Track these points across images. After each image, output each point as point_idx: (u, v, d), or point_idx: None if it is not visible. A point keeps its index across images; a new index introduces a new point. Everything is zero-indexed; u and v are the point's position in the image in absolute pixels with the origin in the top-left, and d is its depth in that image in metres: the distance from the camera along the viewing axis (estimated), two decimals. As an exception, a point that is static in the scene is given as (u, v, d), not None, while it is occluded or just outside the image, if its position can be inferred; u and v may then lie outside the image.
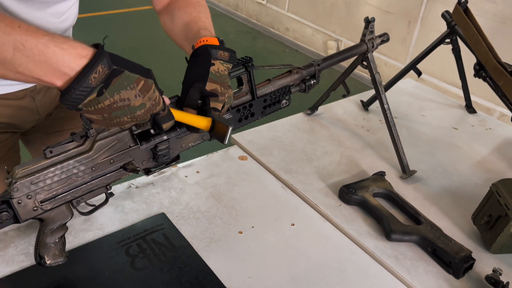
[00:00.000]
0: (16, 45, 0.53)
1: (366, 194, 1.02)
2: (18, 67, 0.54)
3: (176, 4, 0.95)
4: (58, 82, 0.57)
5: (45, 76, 0.56)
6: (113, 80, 0.58)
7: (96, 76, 0.57)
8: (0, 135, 0.97)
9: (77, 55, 0.57)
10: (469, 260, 0.88)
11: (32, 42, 0.54)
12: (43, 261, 0.71)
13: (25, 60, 0.54)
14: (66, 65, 0.56)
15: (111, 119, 0.61)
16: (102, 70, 0.57)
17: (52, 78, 0.56)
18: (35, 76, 0.56)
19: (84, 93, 0.57)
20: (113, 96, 0.59)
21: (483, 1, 3.06)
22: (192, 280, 0.79)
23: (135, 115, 0.63)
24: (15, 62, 0.54)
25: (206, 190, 1.02)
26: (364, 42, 1.16)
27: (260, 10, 4.92)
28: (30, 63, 0.54)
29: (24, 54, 0.54)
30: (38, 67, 0.55)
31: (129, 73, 0.60)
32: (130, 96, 0.61)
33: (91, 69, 0.56)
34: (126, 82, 0.60)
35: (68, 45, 0.56)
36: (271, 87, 0.94)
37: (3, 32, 0.53)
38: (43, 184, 0.67)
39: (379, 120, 1.38)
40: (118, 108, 0.61)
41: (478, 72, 1.27)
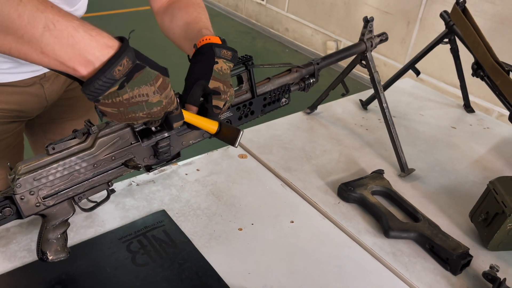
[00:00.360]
0: (47, 23, 0.52)
1: (364, 192, 1.03)
2: (44, 47, 0.53)
3: (176, 4, 0.96)
4: (81, 69, 0.56)
5: (69, 60, 0.55)
6: (135, 74, 0.58)
7: (120, 68, 0.56)
8: (10, 124, 0.98)
9: (104, 44, 0.56)
10: (467, 257, 0.89)
11: (63, 23, 0.53)
12: (45, 256, 0.72)
13: (52, 40, 0.53)
14: (92, 52, 0.55)
15: (127, 113, 0.61)
16: (127, 64, 0.57)
17: (76, 64, 0.55)
18: (59, 59, 0.54)
19: (107, 84, 0.57)
20: (132, 91, 0.59)
21: (482, 2, 3.07)
22: (192, 276, 0.80)
23: (151, 112, 0.63)
24: (42, 41, 0.52)
25: (206, 188, 1.03)
26: (363, 41, 1.17)
27: (259, 10, 4.93)
28: (57, 45, 0.53)
29: (53, 35, 0.52)
30: (64, 50, 0.54)
31: (149, 69, 0.60)
32: (149, 92, 0.61)
33: (117, 60, 0.56)
34: (147, 78, 0.60)
35: (96, 33, 0.56)
36: (270, 85, 0.95)
37: (37, 8, 0.51)
38: (45, 180, 0.68)
39: (378, 119, 1.39)
40: (135, 103, 0.61)
41: (476, 71, 1.28)
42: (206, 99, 0.76)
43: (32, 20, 0.51)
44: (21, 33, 0.51)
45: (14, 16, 0.50)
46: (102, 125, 0.72)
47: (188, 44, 0.88)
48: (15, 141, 1.02)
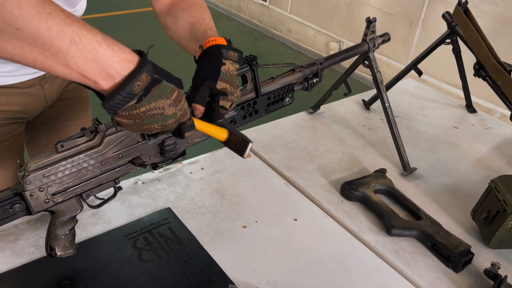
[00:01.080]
0: (74, 37, 0.53)
1: (367, 191, 1.04)
2: (68, 60, 0.53)
3: (178, 5, 0.97)
4: (102, 82, 0.57)
5: (91, 74, 0.56)
6: (153, 88, 0.59)
7: (139, 83, 0.57)
8: (11, 125, 0.99)
9: (125, 58, 0.57)
10: (468, 254, 0.90)
11: (88, 37, 0.54)
12: (54, 252, 0.74)
13: (77, 54, 0.54)
14: (113, 66, 0.56)
15: (142, 125, 0.62)
16: (146, 78, 0.58)
17: (97, 77, 0.56)
18: (82, 72, 0.55)
19: (126, 99, 0.58)
20: (149, 104, 0.60)
21: (484, 3, 3.08)
22: (197, 272, 0.81)
23: (166, 124, 0.64)
24: (68, 54, 0.53)
25: (210, 186, 1.04)
26: (365, 41, 1.18)
27: (262, 11, 4.95)
28: (81, 58, 0.54)
29: (78, 48, 0.53)
30: (87, 64, 0.55)
31: (166, 82, 0.61)
32: (165, 105, 0.62)
33: (136, 76, 0.57)
34: (163, 91, 0.61)
35: (118, 47, 0.57)
36: (274, 85, 0.96)
37: (64, 22, 0.52)
38: (54, 177, 0.69)
39: (380, 119, 1.40)
40: (151, 116, 0.62)
41: (478, 71, 1.29)
42: (213, 99, 0.77)
43: (60, 33, 0.52)
44: (49, 45, 0.52)
45: (43, 29, 0.51)
46: (110, 124, 0.73)
47: (193, 45, 0.89)
48: (15, 141, 1.03)
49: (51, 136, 1.18)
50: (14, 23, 0.49)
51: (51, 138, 1.18)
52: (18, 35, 0.50)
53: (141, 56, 0.60)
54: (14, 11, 0.48)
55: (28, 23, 0.49)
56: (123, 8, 4.99)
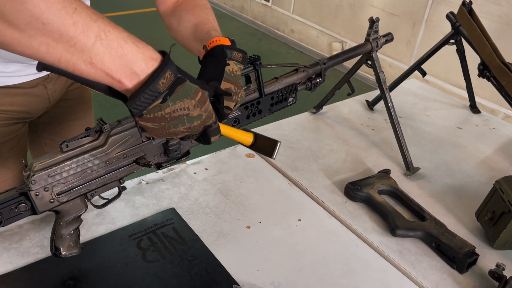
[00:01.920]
0: (99, 33, 0.52)
1: (371, 191, 1.04)
2: (94, 57, 0.52)
3: (182, 6, 0.97)
4: (126, 81, 0.56)
5: (116, 72, 0.54)
6: (177, 87, 0.59)
7: (164, 81, 0.57)
8: (14, 125, 0.99)
9: (149, 56, 0.56)
10: (473, 255, 0.90)
11: (114, 33, 0.53)
12: (59, 252, 0.74)
13: (102, 50, 0.53)
14: (138, 63, 0.55)
15: (168, 128, 0.61)
16: (170, 76, 0.57)
17: (122, 76, 0.55)
18: (106, 70, 0.54)
19: (152, 97, 0.57)
20: (174, 104, 0.59)
21: (488, 3, 3.07)
22: (201, 273, 0.81)
23: (192, 126, 0.63)
24: (93, 50, 0.52)
25: (214, 186, 1.04)
26: (368, 41, 1.18)
27: (265, 12, 4.95)
28: (106, 55, 0.53)
29: (103, 45, 0.52)
30: (112, 61, 0.54)
31: (190, 83, 0.61)
32: (190, 105, 0.61)
33: (161, 73, 0.56)
34: (188, 91, 0.60)
35: (142, 45, 0.56)
36: (278, 85, 0.96)
37: (90, 17, 0.51)
38: (59, 177, 0.69)
39: (384, 120, 1.40)
40: (177, 117, 0.61)
41: (482, 72, 1.29)
42: (217, 100, 0.77)
43: (86, 29, 0.51)
44: (74, 41, 0.51)
45: (69, 23, 0.50)
46: (114, 123, 0.74)
47: (197, 45, 0.89)
48: (19, 141, 1.04)
49: (54, 136, 1.18)
50: (41, 17, 0.48)
51: (54, 138, 1.18)
52: (44, 30, 0.49)
53: (164, 55, 0.59)
54: (41, 4, 0.47)
55: (54, 17, 0.48)
56: (126, 8, 4.99)
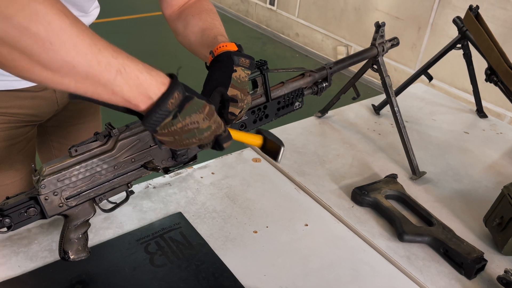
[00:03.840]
0: (119, 68, 0.59)
1: (378, 196, 1.04)
2: (115, 88, 0.59)
3: (189, 10, 0.97)
4: (142, 105, 0.63)
5: (134, 98, 0.62)
6: (185, 104, 0.65)
7: (172, 101, 0.63)
8: (23, 128, 1.00)
9: (161, 82, 0.63)
10: (481, 261, 0.90)
11: (131, 67, 0.60)
12: (67, 256, 0.74)
13: (123, 82, 0.59)
14: (152, 90, 0.62)
15: (182, 140, 0.68)
16: (178, 96, 0.64)
17: (138, 101, 0.62)
18: (126, 97, 0.61)
19: (163, 115, 0.63)
20: (184, 119, 0.66)
21: (494, 7, 3.07)
22: (209, 277, 0.81)
23: (202, 137, 0.69)
24: (114, 83, 0.59)
25: (221, 191, 1.04)
26: (374, 46, 1.18)
27: (270, 16, 4.96)
28: (125, 86, 0.60)
29: (123, 77, 0.59)
30: (130, 90, 0.61)
31: (197, 99, 0.67)
32: (199, 119, 0.67)
33: (169, 95, 0.63)
34: (196, 107, 0.66)
35: (155, 73, 0.63)
36: (284, 89, 0.96)
37: (112, 55, 0.58)
38: (68, 181, 0.70)
39: (390, 124, 1.40)
40: (188, 131, 0.67)
41: (490, 76, 1.28)
42: (223, 105, 0.78)
43: (108, 66, 0.58)
44: (99, 77, 0.57)
45: (95, 64, 0.56)
46: (123, 128, 0.74)
47: (204, 50, 0.89)
48: (27, 144, 1.04)
49: (62, 140, 1.19)
50: (72, 61, 0.55)
51: (62, 141, 1.19)
52: (74, 71, 0.56)
53: (172, 78, 0.65)
54: (71, 51, 0.54)
55: (82, 60, 0.55)
56: (132, 12, 5.02)
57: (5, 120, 0.96)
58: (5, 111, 0.95)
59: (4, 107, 0.95)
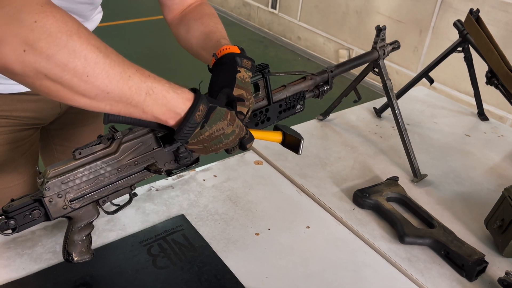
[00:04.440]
0: (148, 91, 0.65)
1: (379, 198, 1.04)
2: (145, 108, 0.65)
3: (190, 15, 0.98)
4: (171, 121, 0.69)
5: (163, 115, 0.68)
6: (211, 114, 0.71)
7: (199, 113, 0.69)
8: (26, 131, 1.01)
9: (186, 98, 0.69)
10: (482, 263, 0.90)
11: (159, 88, 0.66)
12: (71, 257, 0.75)
13: (151, 102, 0.65)
14: (179, 106, 0.68)
15: (210, 147, 0.74)
16: (203, 108, 0.70)
17: (167, 117, 0.68)
18: (155, 115, 0.67)
19: (192, 128, 0.70)
20: (211, 128, 0.72)
21: (495, 10, 3.07)
22: (211, 279, 0.82)
23: (229, 141, 0.75)
24: (144, 104, 0.65)
25: (223, 193, 1.05)
26: (375, 49, 1.19)
27: (272, 19, 4.98)
28: (155, 105, 0.66)
29: (152, 98, 0.65)
30: (159, 108, 0.67)
31: (220, 108, 0.72)
32: (224, 126, 0.73)
33: (195, 108, 0.69)
34: (219, 115, 0.72)
35: (181, 91, 0.69)
36: (286, 92, 0.97)
37: (140, 80, 0.64)
38: (72, 184, 0.70)
39: (391, 127, 1.40)
40: (215, 137, 0.73)
41: (490, 79, 1.29)
42: (230, 106, 0.79)
43: (138, 90, 0.64)
44: (130, 100, 0.64)
45: (126, 89, 0.63)
46: (126, 131, 0.75)
47: (206, 54, 0.90)
48: (31, 147, 1.05)
49: (65, 142, 1.20)
50: (106, 89, 0.61)
51: (65, 144, 1.20)
52: (108, 97, 0.62)
53: (195, 92, 0.71)
54: (105, 80, 0.60)
55: (115, 87, 0.61)
56: (136, 16, 5.05)
57: (8, 123, 0.97)
58: (8, 114, 0.96)
59: (8, 110, 0.96)
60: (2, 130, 0.97)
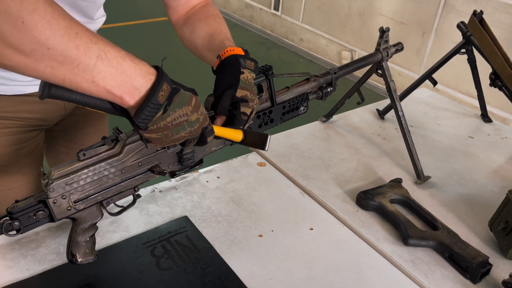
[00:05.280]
0: (100, 54, 0.56)
1: (383, 200, 1.04)
2: (95, 75, 0.56)
3: (195, 16, 0.98)
4: (128, 97, 0.59)
5: (117, 88, 0.58)
6: (174, 97, 0.63)
7: (162, 94, 0.61)
8: (31, 132, 1.02)
9: (146, 71, 0.60)
10: (486, 265, 0.90)
11: (113, 53, 0.57)
12: (75, 259, 0.75)
13: (104, 69, 0.56)
14: (137, 79, 0.59)
15: (171, 135, 0.66)
16: (167, 88, 0.61)
17: (123, 92, 0.59)
18: (107, 87, 0.57)
19: (155, 109, 0.61)
20: (174, 112, 0.64)
21: (498, 12, 3.07)
22: (215, 280, 0.82)
23: (192, 130, 0.67)
24: (95, 70, 0.56)
25: (226, 195, 1.05)
26: (379, 51, 1.19)
27: (274, 21, 4.98)
28: (107, 73, 0.57)
29: (104, 64, 0.56)
30: (113, 78, 0.57)
31: (184, 91, 0.65)
32: (188, 111, 0.65)
33: (158, 86, 0.60)
34: (184, 98, 0.64)
35: (139, 61, 0.60)
36: (289, 94, 0.97)
37: (90, 40, 0.55)
38: (76, 185, 0.71)
39: (395, 129, 1.40)
40: (178, 124, 0.65)
41: (494, 81, 1.29)
42: (234, 107, 0.79)
43: (87, 51, 0.54)
44: (77, 63, 0.54)
45: (72, 47, 0.53)
46: (130, 132, 0.75)
47: (210, 55, 0.90)
48: (35, 148, 1.06)
49: (70, 144, 1.20)
50: (46, 43, 0.52)
51: (70, 145, 1.20)
52: (49, 54, 0.52)
53: (157, 69, 0.62)
54: (46, 31, 0.51)
55: (58, 43, 0.52)
56: (139, 18, 5.06)
57: (13, 125, 0.98)
58: (13, 116, 0.97)
59: (13, 111, 0.96)
60: (7, 131, 0.97)
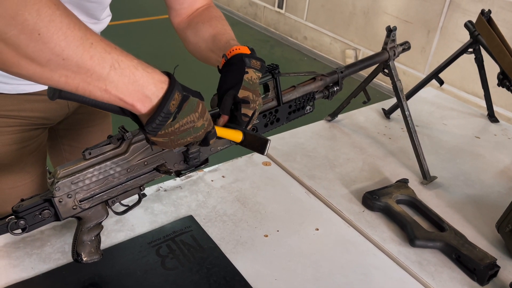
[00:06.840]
0: (113, 63, 0.56)
1: (389, 201, 1.03)
2: (108, 84, 0.57)
3: (198, 18, 0.98)
4: (139, 105, 0.60)
5: (129, 96, 0.59)
6: (184, 104, 0.64)
7: (174, 102, 0.62)
8: (34, 131, 1.01)
9: (158, 79, 0.61)
10: (494, 267, 0.89)
11: (126, 62, 0.58)
12: (80, 258, 0.74)
13: (117, 78, 0.57)
14: (149, 87, 0.60)
15: (176, 140, 0.67)
16: (178, 97, 0.62)
17: (135, 100, 0.60)
18: (120, 95, 0.58)
19: (166, 118, 0.62)
20: (182, 119, 0.65)
21: (504, 11, 3.05)
22: (220, 281, 0.81)
23: (197, 135, 0.69)
24: (107, 79, 0.56)
25: (231, 194, 1.04)
26: (386, 50, 1.18)
27: (278, 19, 4.97)
28: (120, 82, 0.57)
29: (117, 73, 0.57)
30: (126, 87, 0.58)
31: (192, 98, 0.66)
32: (194, 118, 0.66)
33: (171, 95, 0.61)
34: (192, 106, 0.65)
35: (152, 70, 0.61)
36: (296, 93, 0.96)
37: (104, 50, 0.56)
38: (82, 184, 0.70)
39: (400, 128, 1.39)
40: (184, 130, 0.66)
41: (502, 81, 1.28)
42: (235, 108, 0.78)
43: (101, 61, 0.55)
44: (91, 72, 0.55)
45: (87, 58, 0.54)
46: (136, 131, 0.74)
47: (215, 56, 0.90)
48: (39, 147, 1.05)
49: (73, 142, 1.20)
50: (61, 54, 0.52)
51: (73, 144, 1.20)
52: (64, 65, 0.53)
53: (169, 76, 0.63)
54: (61, 43, 0.52)
55: (73, 53, 0.53)
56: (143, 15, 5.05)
57: (17, 123, 0.97)
58: (17, 114, 0.96)
59: (16, 110, 0.96)
60: (10, 129, 0.97)
